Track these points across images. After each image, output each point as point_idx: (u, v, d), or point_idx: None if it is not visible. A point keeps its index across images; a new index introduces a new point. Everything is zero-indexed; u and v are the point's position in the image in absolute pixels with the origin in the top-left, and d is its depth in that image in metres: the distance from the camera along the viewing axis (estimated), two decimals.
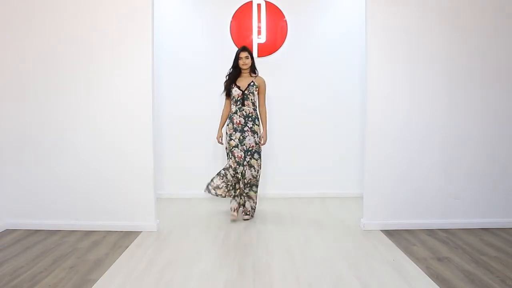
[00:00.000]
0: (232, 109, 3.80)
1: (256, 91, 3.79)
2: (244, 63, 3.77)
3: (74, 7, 3.43)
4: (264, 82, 3.84)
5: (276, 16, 4.70)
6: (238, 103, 3.77)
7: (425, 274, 2.58)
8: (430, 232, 3.42)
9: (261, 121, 3.85)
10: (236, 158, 3.70)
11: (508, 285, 2.42)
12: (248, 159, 3.73)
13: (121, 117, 3.45)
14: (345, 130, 4.73)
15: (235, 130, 3.75)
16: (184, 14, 4.76)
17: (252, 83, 3.78)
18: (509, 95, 3.50)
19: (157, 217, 3.57)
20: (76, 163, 3.49)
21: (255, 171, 3.76)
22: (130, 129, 3.45)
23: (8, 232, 3.44)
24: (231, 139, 3.75)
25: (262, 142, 3.83)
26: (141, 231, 3.44)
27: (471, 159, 3.50)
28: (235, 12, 4.68)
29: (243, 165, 3.72)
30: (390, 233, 3.38)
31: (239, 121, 3.75)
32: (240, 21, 4.69)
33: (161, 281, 2.51)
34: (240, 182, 3.74)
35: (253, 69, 3.84)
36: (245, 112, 3.76)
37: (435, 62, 3.47)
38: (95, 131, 3.47)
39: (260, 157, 3.80)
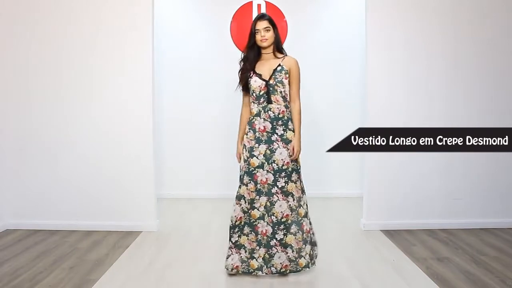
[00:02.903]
0: (253, 110, 2.55)
1: (286, 78, 2.55)
2: (264, 37, 2.52)
3: (78, 8, 3.44)
4: (297, 64, 2.61)
5: (276, 16, 4.69)
6: (262, 99, 2.53)
7: (425, 274, 2.58)
8: (430, 232, 3.42)
9: (294, 123, 2.64)
10: (258, 185, 2.51)
11: (508, 285, 2.43)
12: (283, 184, 2.51)
13: (122, 117, 3.46)
14: (345, 130, 4.71)
15: (258, 141, 2.52)
16: (184, 15, 4.76)
17: (279, 68, 2.54)
18: (508, 95, 3.51)
19: (158, 217, 3.57)
20: (76, 164, 3.49)
21: (294, 200, 2.52)
22: (131, 130, 3.45)
23: (8, 232, 3.45)
24: (252, 156, 2.51)
25: (293, 155, 2.56)
26: (141, 231, 3.44)
27: (471, 159, 3.50)
28: (235, 13, 4.67)
29: (270, 195, 2.50)
30: (390, 233, 3.38)
31: (264, 126, 2.53)
32: (240, 22, 4.68)
33: (161, 281, 2.51)
34: (260, 224, 2.51)
35: (278, 47, 2.61)
36: (273, 112, 2.54)
37: (434, 62, 3.48)
38: (96, 132, 3.48)
39: (300, 178, 2.60)
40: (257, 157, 2.51)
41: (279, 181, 2.50)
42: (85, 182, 3.49)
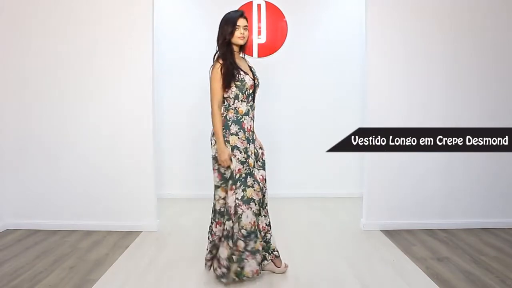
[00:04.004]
0: (241, 108, 2.46)
1: None
2: (242, 35, 2.45)
3: (78, 8, 3.44)
4: None
5: (276, 16, 4.69)
6: (249, 98, 2.49)
7: (425, 274, 2.59)
8: (430, 232, 3.42)
9: None
10: (260, 183, 2.49)
11: (508, 285, 2.43)
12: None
13: (122, 117, 3.46)
14: (345, 130, 4.71)
15: (248, 140, 2.48)
16: (184, 15, 4.76)
17: (253, 69, 2.59)
18: (507, 95, 3.51)
19: (158, 217, 3.57)
20: (76, 164, 3.49)
21: None
22: (131, 130, 3.46)
23: (8, 232, 3.45)
24: (248, 156, 2.46)
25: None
26: (142, 231, 3.44)
27: (471, 159, 3.50)
28: None
29: (265, 190, 2.56)
30: (390, 233, 3.38)
31: (250, 125, 2.51)
32: None
33: (161, 281, 2.51)
34: (260, 221, 2.54)
35: (243, 48, 2.58)
36: (254, 111, 2.56)
37: (434, 62, 3.48)
38: (96, 132, 3.48)
39: None
40: (251, 157, 2.46)
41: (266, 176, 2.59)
42: (85, 182, 3.50)
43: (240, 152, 2.43)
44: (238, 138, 2.43)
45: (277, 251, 2.63)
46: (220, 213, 2.48)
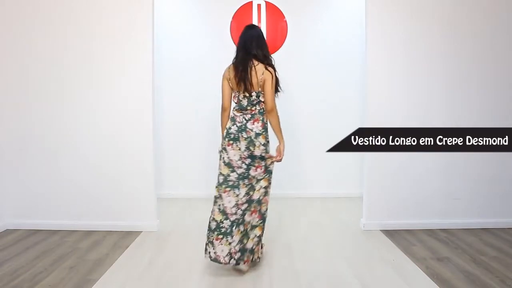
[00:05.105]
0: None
1: None
2: None
3: (78, 8, 3.44)
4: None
5: (276, 17, 4.70)
6: None
7: (425, 274, 2.59)
8: (430, 232, 3.42)
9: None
10: None
11: (507, 285, 2.43)
12: None
13: (122, 117, 3.46)
14: (345, 130, 4.72)
15: None
16: (184, 15, 4.76)
17: None
18: (506, 96, 3.51)
19: (158, 217, 3.57)
20: (76, 163, 3.49)
21: None
22: (131, 130, 3.46)
23: (8, 232, 3.45)
24: None
25: None
26: (141, 231, 3.44)
27: (470, 159, 3.50)
28: (235, 13, 4.68)
29: None
30: (390, 233, 3.38)
31: None
32: (240, 22, 4.68)
33: (161, 281, 2.52)
34: None
35: None
36: None
37: (433, 63, 3.48)
38: (96, 132, 3.48)
39: None
40: None
41: None
42: (85, 182, 3.50)
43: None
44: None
45: None
46: (258, 201, 2.66)
